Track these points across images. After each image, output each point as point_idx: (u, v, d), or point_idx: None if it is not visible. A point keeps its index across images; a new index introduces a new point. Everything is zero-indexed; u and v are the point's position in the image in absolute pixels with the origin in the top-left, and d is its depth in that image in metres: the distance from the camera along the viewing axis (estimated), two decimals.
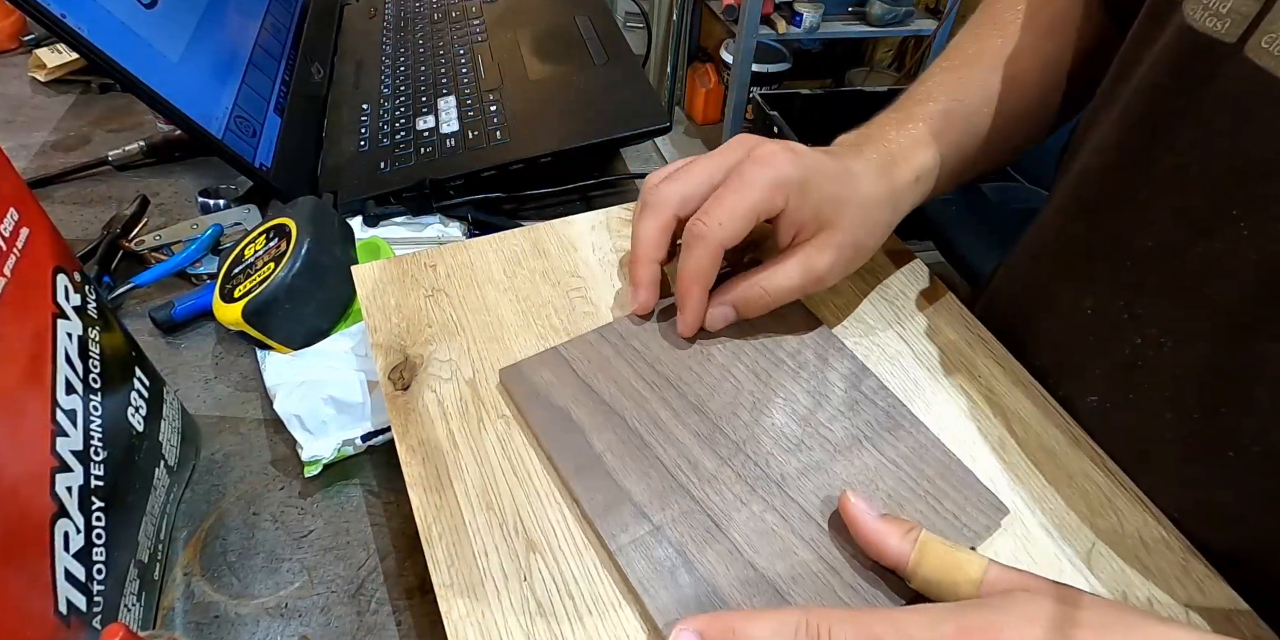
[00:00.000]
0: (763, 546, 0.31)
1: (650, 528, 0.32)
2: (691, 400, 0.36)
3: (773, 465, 0.34)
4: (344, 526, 0.42)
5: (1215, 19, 0.30)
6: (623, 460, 0.34)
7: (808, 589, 0.30)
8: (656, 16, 2.40)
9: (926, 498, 0.33)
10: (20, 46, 0.86)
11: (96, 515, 0.33)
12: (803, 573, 0.30)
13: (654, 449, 0.34)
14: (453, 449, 0.35)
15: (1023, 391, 0.38)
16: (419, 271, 0.43)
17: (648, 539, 0.31)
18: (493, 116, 0.65)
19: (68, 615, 0.29)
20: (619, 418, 0.36)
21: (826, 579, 0.30)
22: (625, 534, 0.31)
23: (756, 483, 0.33)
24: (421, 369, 0.38)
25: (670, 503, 0.33)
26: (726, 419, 0.36)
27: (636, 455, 0.34)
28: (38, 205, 0.34)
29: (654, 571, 0.30)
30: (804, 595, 0.30)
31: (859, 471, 0.34)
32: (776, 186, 0.35)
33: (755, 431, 0.35)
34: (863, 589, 0.30)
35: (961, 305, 0.43)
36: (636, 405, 0.36)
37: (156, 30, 0.53)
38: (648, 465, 0.34)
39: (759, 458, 0.34)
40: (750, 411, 0.36)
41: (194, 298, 0.52)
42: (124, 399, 0.38)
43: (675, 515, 0.32)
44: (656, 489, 0.33)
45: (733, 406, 0.36)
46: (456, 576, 0.31)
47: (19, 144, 0.71)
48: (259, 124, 0.59)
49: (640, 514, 0.32)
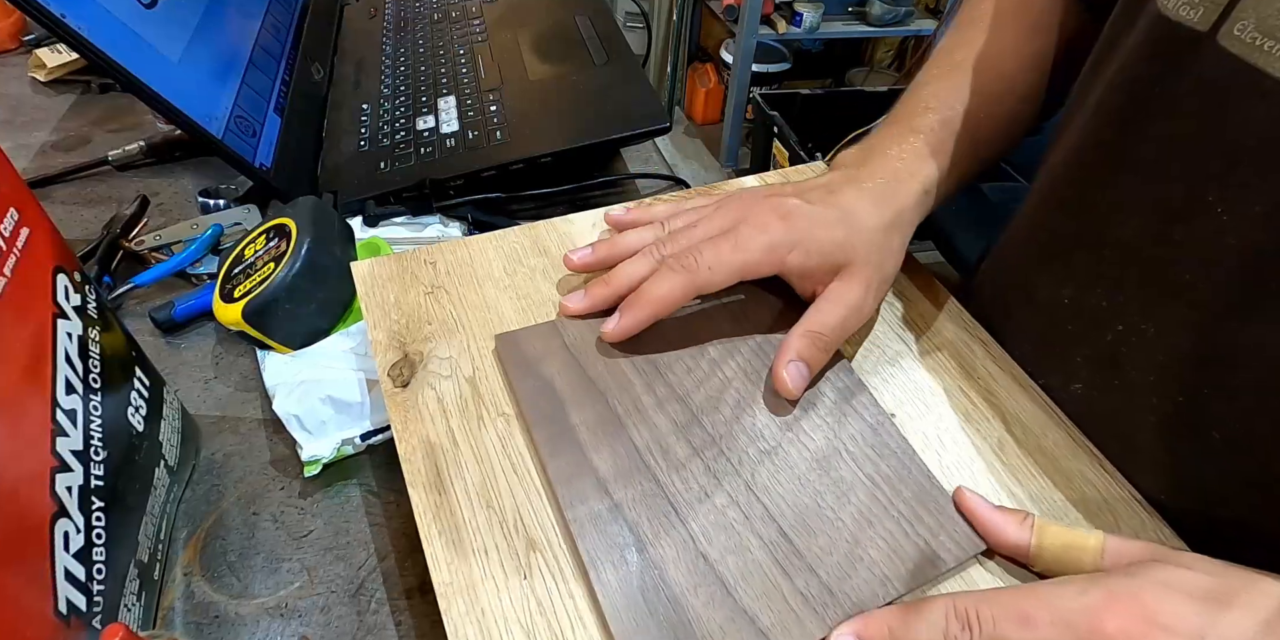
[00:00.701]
0: (718, 540, 0.31)
1: (610, 504, 0.32)
2: (677, 390, 0.36)
3: (745, 463, 0.34)
4: (344, 526, 0.42)
5: (1188, 8, 0.31)
6: (596, 436, 0.34)
7: (755, 589, 0.30)
8: (656, 16, 2.40)
9: (899, 520, 0.32)
10: (20, 46, 0.86)
11: (96, 515, 0.33)
12: (754, 572, 0.30)
13: (629, 431, 0.35)
14: (452, 447, 0.35)
15: (1022, 393, 0.38)
16: (419, 268, 0.44)
17: (605, 514, 0.32)
18: (493, 116, 0.65)
19: (67, 615, 0.29)
20: (600, 396, 0.36)
21: (777, 582, 0.30)
22: (584, 506, 0.32)
23: (725, 478, 0.33)
24: (421, 366, 0.38)
25: (634, 483, 0.33)
26: (708, 413, 0.36)
27: (611, 433, 0.34)
28: (38, 205, 0.34)
29: (605, 547, 0.31)
30: (750, 595, 0.30)
31: (833, 483, 0.33)
32: (770, 250, 0.37)
33: (734, 429, 0.35)
34: (811, 598, 0.30)
35: (961, 307, 0.43)
36: (620, 387, 0.36)
37: (156, 30, 0.53)
38: (619, 445, 0.34)
39: (732, 454, 0.34)
40: (733, 408, 0.36)
41: (194, 298, 0.53)
42: (124, 399, 0.38)
43: (636, 496, 0.32)
44: (623, 468, 0.33)
45: (716, 401, 0.36)
46: (456, 575, 0.31)
47: (19, 144, 0.71)
48: (259, 124, 0.60)
49: (602, 489, 0.32)
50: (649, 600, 0.29)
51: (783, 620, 0.29)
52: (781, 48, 2.42)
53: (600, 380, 0.36)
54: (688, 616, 0.29)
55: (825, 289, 0.38)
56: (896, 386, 0.38)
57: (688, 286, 0.36)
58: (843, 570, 0.31)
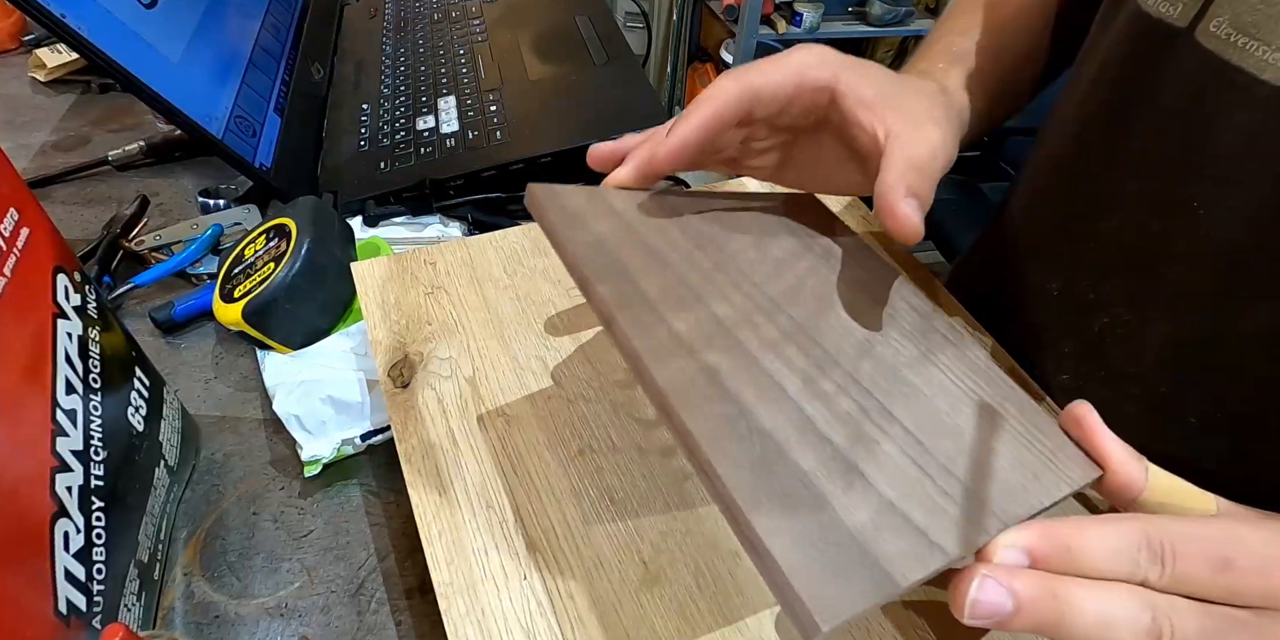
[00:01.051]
0: (839, 428, 0.25)
1: (705, 367, 0.25)
2: (750, 276, 0.30)
3: (844, 356, 0.28)
4: (344, 526, 0.42)
5: (1167, 4, 0.31)
6: (670, 303, 0.27)
7: (896, 483, 0.24)
8: (656, 16, 2.40)
9: (1017, 435, 0.27)
10: (20, 46, 0.86)
11: (96, 515, 0.33)
12: (887, 466, 0.25)
13: (709, 303, 0.28)
14: (452, 447, 0.35)
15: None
16: (419, 268, 0.43)
17: (700, 379, 0.25)
18: (493, 116, 0.65)
19: (67, 615, 0.29)
20: (666, 265, 0.29)
21: (917, 479, 0.25)
22: (674, 365, 0.25)
23: (826, 366, 0.28)
24: (421, 367, 0.38)
25: (728, 353, 0.26)
26: (788, 304, 0.29)
27: (687, 304, 0.28)
28: (38, 205, 0.34)
29: (711, 416, 0.24)
30: (893, 489, 0.24)
31: (940, 390, 0.28)
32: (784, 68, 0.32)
33: (820, 323, 0.29)
34: (958, 500, 0.24)
35: (962, 307, 0.43)
36: (686, 260, 0.30)
37: (156, 30, 0.53)
38: (701, 314, 0.28)
39: (828, 344, 0.28)
40: (816, 302, 0.30)
41: (194, 298, 0.53)
42: (124, 399, 0.38)
43: (733, 366, 0.26)
44: (712, 335, 0.27)
45: (794, 294, 0.30)
46: (456, 575, 0.31)
47: (19, 144, 0.71)
48: (259, 124, 0.60)
49: (691, 353, 0.26)
50: (780, 481, 0.23)
51: (937, 521, 0.23)
52: (781, 48, 2.42)
53: (660, 251, 0.30)
54: (830, 503, 0.23)
55: (894, 130, 0.31)
56: None
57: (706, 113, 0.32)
58: (978, 476, 0.26)
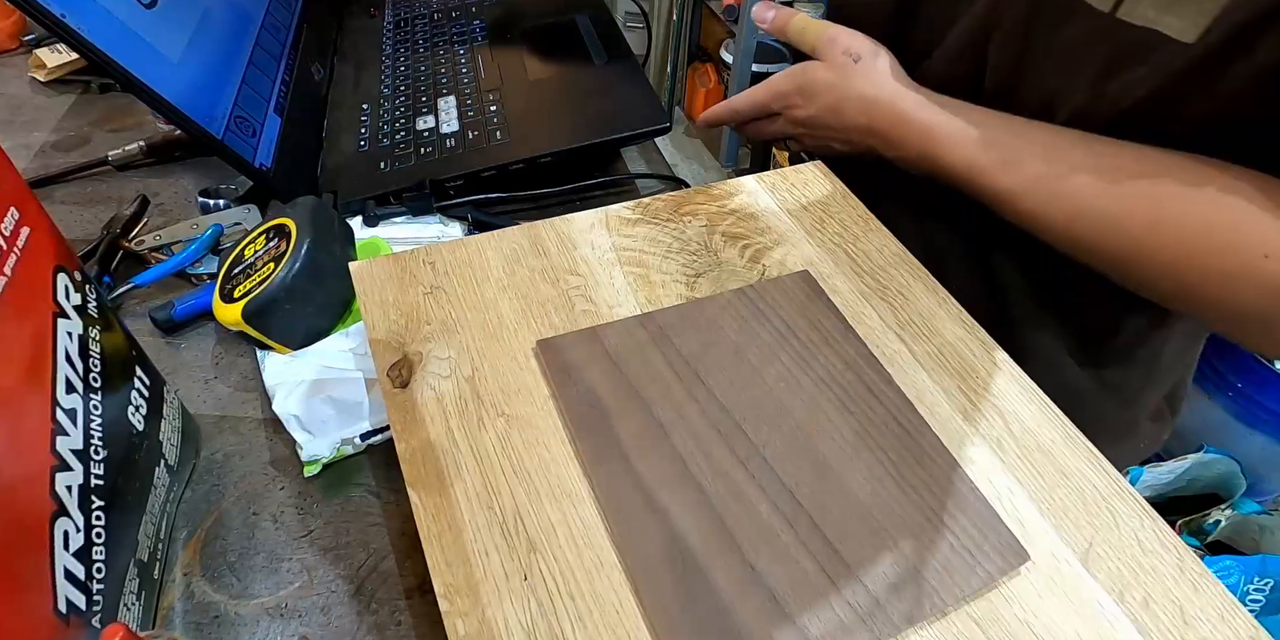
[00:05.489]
0: (764, 550, 0.31)
1: (655, 512, 0.33)
2: (719, 398, 0.37)
3: (789, 473, 0.34)
4: (344, 526, 0.42)
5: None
6: (640, 445, 0.35)
7: (803, 599, 0.30)
8: (656, 16, 2.40)
9: (944, 532, 0.33)
10: (20, 46, 0.86)
11: (96, 514, 0.33)
12: (801, 582, 0.31)
13: (673, 439, 0.35)
14: (452, 447, 0.35)
15: (1020, 392, 0.38)
16: (417, 268, 0.44)
17: (651, 525, 0.32)
18: (493, 116, 0.65)
19: (67, 614, 0.29)
20: (644, 405, 0.36)
21: (824, 592, 0.30)
22: (628, 513, 0.33)
23: (769, 486, 0.34)
24: (420, 367, 0.38)
25: (679, 492, 0.33)
26: (750, 421, 0.36)
27: (654, 444, 0.35)
28: (38, 205, 0.34)
29: (651, 557, 0.31)
30: (799, 605, 0.30)
31: (877, 492, 0.34)
32: None
33: (776, 438, 0.35)
34: (859, 608, 0.30)
35: (960, 306, 0.43)
36: (662, 395, 0.37)
37: (156, 30, 0.53)
38: (663, 453, 0.35)
39: (777, 463, 0.34)
40: (775, 416, 0.36)
41: (194, 298, 0.52)
42: (124, 398, 0.38)
43: (681, 505, 0.33)
44: (668, 476, 0.34)
45: (758, 409, 0.36)
46: (456, 576, 0.31)
47: (19, 144, 0.71)
48: (259, 124, 0.60)
49: (648, 497, 0.33)
50: (698, 607, 0.30)
51: (830, 631, 0.30)
52: (781, 48, 2.42)
53: (643, 388, 0.37)
54: (736, 624, 0.29)
55: None
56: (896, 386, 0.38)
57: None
58: (889, 582, 0.31)
